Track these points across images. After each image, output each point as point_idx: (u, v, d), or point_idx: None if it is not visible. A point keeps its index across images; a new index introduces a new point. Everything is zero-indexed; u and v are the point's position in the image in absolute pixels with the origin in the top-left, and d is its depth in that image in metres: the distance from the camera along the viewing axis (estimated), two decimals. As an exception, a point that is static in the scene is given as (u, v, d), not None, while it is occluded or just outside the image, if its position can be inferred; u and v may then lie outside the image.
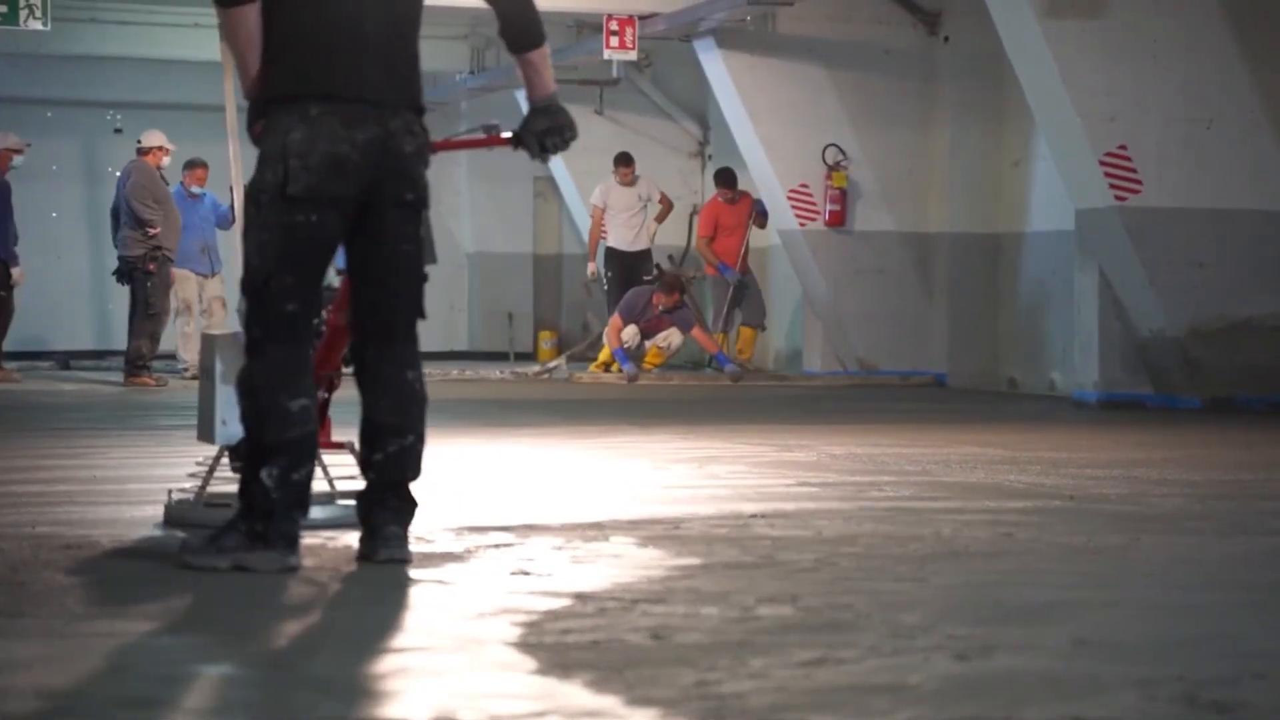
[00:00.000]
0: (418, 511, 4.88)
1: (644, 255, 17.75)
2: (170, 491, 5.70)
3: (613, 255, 17.67)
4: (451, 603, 4.19)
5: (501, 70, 18.99)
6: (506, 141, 5.05)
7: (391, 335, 4.85)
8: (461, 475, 7.27)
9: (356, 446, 4.92)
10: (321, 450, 5.13)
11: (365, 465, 4.85)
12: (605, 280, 17.73)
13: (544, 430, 9.97)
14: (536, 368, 17.42)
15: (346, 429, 5.25)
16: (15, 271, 15.21)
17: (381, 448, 4.80)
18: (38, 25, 15.51)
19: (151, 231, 14.69)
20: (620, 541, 5.20)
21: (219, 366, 5.40)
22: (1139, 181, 11.94)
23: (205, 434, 5.52)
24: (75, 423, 10.69)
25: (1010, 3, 11.94)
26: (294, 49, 4.75)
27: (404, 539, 4.81)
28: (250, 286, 4.73)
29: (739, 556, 4.92)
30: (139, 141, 15.29)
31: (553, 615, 3.98)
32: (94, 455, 8.20)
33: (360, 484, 4.94)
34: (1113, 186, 11.92)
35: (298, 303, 4.72)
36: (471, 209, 22.23)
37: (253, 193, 4.75)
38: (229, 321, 14.27)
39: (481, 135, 5.20)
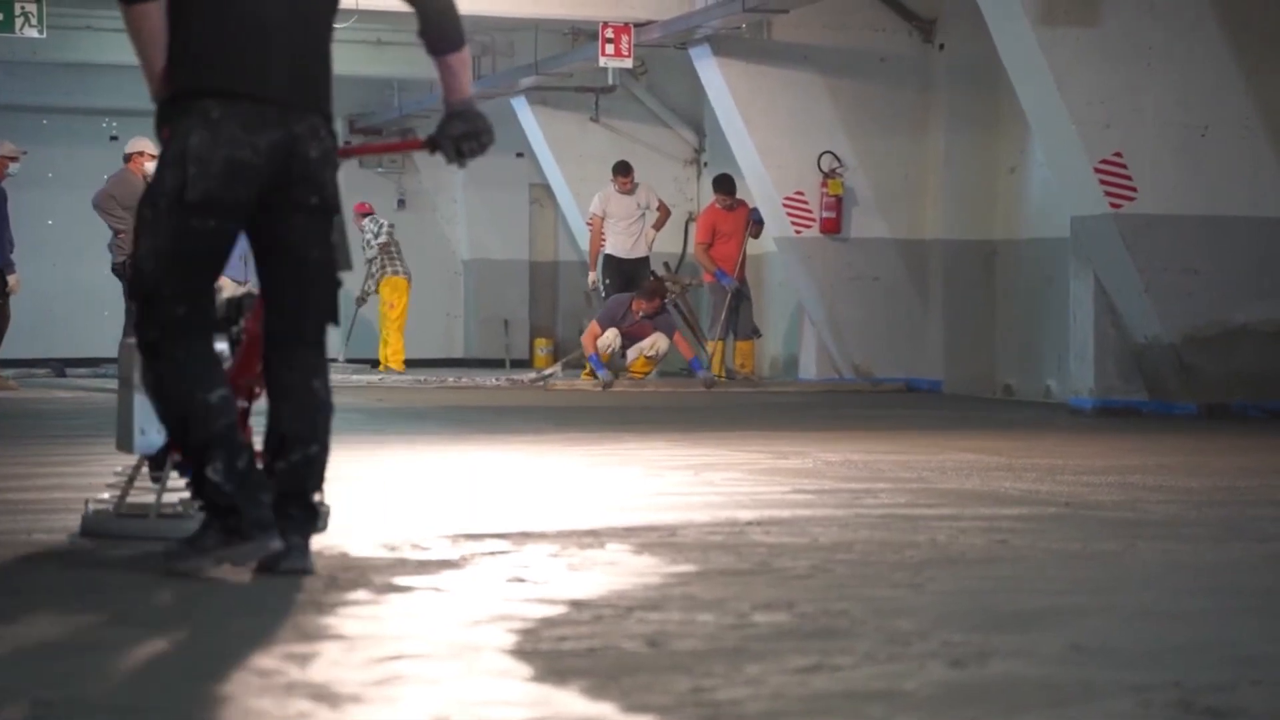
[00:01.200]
0: (331, 520, 4.82)
1: (642, 262, 17.76)
2: (87, 502, 5.62)
3: (611, 262, 17.67)
4: (447, 610, 4.19)
5: (496, 77, 19.02)
6: (422, 145, 4.94)
7: (298, 340, 4.75)
8: (457, 482, 7.27)
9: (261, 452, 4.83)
10: None
11: (269, 473, 4.73)
12: (603, 288, 17.73)
13: (539, 437, 9.97)
14: (532, 375, 17.42)
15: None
16: (11, 279, 15.22)
17: (285, 456, 4.70)
18: (33, 33, 15.52)
19: (118, 238, 14.74)
20: (616, 548, 5.19)
21: (135, 375, 5.19)
22: (1134, 188, 11.95)
23: (124, 444, 5.34)
24: (71, 430, 10.69)
25: (1005, 10, 11.95)
26: (196, 47, 4.66)
27: (305, 549, 4.70)
28: (142, 291, 4.65)
29: (735, 563, 4.92)
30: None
31: (548, 622, 3.97)
32: (90, 462, 8.18)
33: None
34: (1108, 193, 11.92)
35: (188, 305, 4.63)
36: (467, 216, 22.23)
37: (150, 196, 4.66)
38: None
39: (397, 139, 5.13)
